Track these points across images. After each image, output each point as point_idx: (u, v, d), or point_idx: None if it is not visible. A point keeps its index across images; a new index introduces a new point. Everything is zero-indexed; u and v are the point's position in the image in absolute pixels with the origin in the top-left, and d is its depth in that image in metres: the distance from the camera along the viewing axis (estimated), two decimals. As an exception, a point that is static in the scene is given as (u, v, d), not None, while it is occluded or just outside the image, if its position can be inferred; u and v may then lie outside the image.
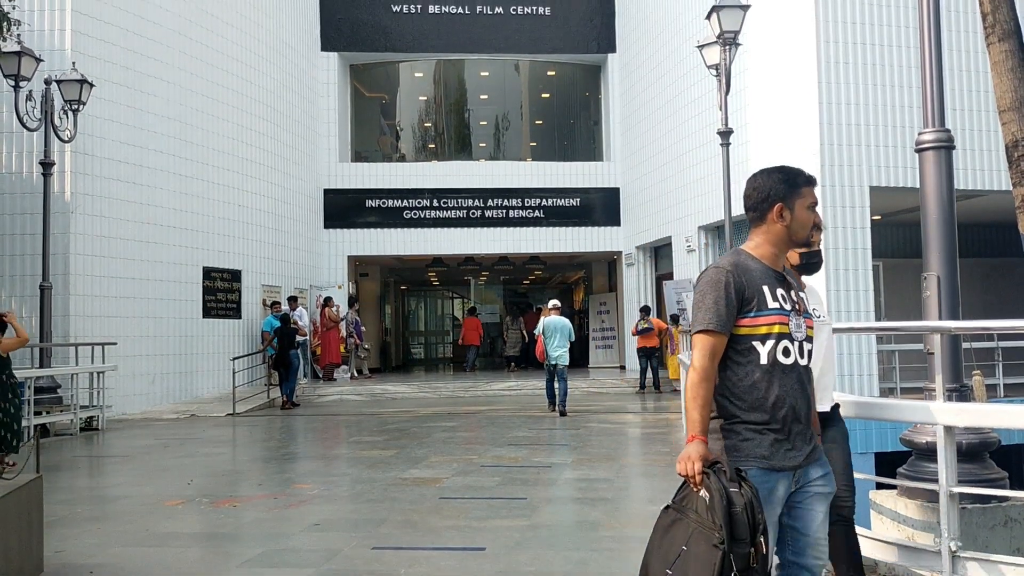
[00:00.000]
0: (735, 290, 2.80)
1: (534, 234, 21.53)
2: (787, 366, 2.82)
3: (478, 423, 12.68)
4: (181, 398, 15.66)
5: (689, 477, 2.69)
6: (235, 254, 17.37)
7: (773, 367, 2.80)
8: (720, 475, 2.65)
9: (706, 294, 2.81)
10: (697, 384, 2.76)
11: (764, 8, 13.82)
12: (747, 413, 2.79)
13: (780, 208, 2.93)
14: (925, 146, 5.11)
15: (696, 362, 2.78)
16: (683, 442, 2.82)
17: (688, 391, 2.79)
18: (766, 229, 2.96)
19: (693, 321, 2.86)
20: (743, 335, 2.81)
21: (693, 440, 2.72)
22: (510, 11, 21.93)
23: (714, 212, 15.71)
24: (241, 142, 17.66)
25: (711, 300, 2.79)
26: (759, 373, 2.79)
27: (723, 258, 2.92)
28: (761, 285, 2.84)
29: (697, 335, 2.81)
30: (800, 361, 2.87)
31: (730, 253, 2.96)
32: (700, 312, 2.82)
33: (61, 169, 13.27)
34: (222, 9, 17.26)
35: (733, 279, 2.81)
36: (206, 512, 6.71)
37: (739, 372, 2.81)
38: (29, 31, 12.83)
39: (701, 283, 2.86)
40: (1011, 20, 6.85)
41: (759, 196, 2.98)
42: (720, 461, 2.71)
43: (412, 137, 24.51)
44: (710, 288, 2.81)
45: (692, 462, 2.67)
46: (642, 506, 6.89)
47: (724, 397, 2.82)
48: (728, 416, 2.81)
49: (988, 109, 12.71)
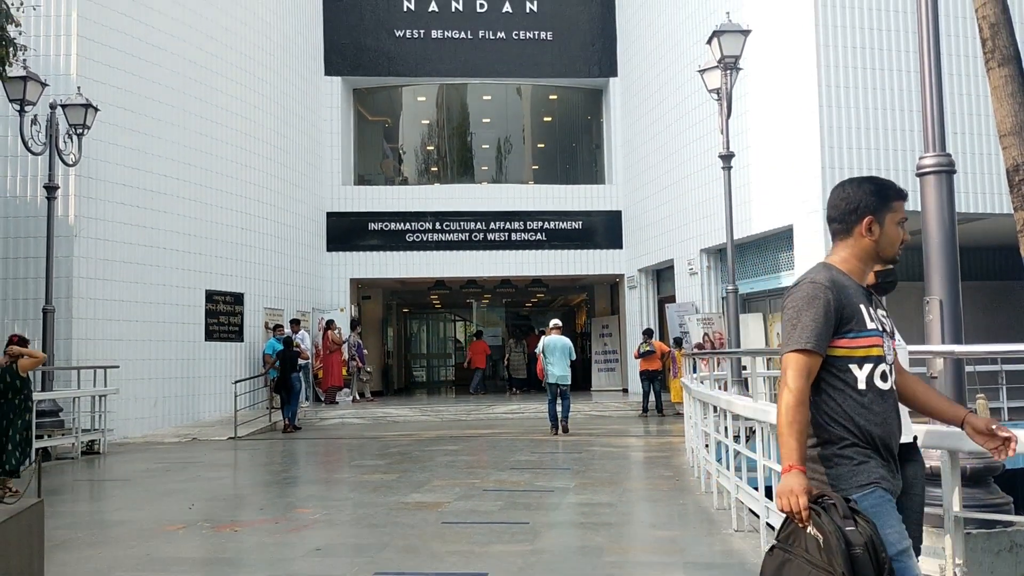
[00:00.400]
0: (834, 308, 2.62)
1: (536, 257, 21.57)
2: (884, 391, 2.66)
3: (480, 446, 12.64)
4: (183, 421, 15.63)
5: (794, 513, 2.45)
6: (238, 277, 17.40)
7: (871, 392, 2.63)
8: (831, 511, 2.41)
9: (802, 311, 2.62)
10: (794, 408, 2.54)
11: (765, 33, 13.92)
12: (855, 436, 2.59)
13: (870, 221, 2.74)
14: (926, 170, 5.12)
15: (791, 383, 2.57)
16: (688, 466, 2.77)
17: (783, 415, 2.55)
18: (853, 243, 2.77)
19: (786, 339, 2.64)
20: (839, 356, 2.63)
21: (791, 471, 2.49)
22: (512, 36, 22.10)
23: (716, 235, 15.74)
24: (244, 166, 17.74)
25: (808, 317, 2.60)
26: (856, 398, 2.61)
27: (817, 273, 2.71)
28: (858, 304, 2.67)
29: (791, 355, 2.60)
30: (893, 386, 2.70)
31: (821, 268, 2.75)
32: (796, 330, 2.61)
33: (65, 192, 13.33)
34: (227, 34, 17.40)
35: (832, 296, 2.62)
36: (207, 537, 6.69)
37: (836, 396, 2.62)
38: (35, 56, 12.93)
39: (795, 299, 2.66)
40: (1011, 45, 6.88)
41: (847, 207, 2.78)
42: (826, 494, 2.47)
43: (415, 160, 24.61)
44: (807, 305, 2.62)
45: (795, 496, 2.44)
46: (646, 531, 6.86)
47: (828, 421, 2.62)
48: (835, 440, 2.60)
49: (989, 133, 12.75)
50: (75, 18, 13.79)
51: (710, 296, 17.16)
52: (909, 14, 13.06)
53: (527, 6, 22.10)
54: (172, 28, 15.79)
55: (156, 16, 15.39)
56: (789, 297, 2.69)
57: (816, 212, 13.13)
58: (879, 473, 2.57)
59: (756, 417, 5.67)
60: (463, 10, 21.99)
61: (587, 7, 22.36)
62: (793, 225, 13.84)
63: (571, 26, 22.26)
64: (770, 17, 14.26)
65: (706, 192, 16.55)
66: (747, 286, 15.69)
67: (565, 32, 22.22)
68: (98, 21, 14.17)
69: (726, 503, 6.89)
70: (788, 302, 2.69)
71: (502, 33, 22.07)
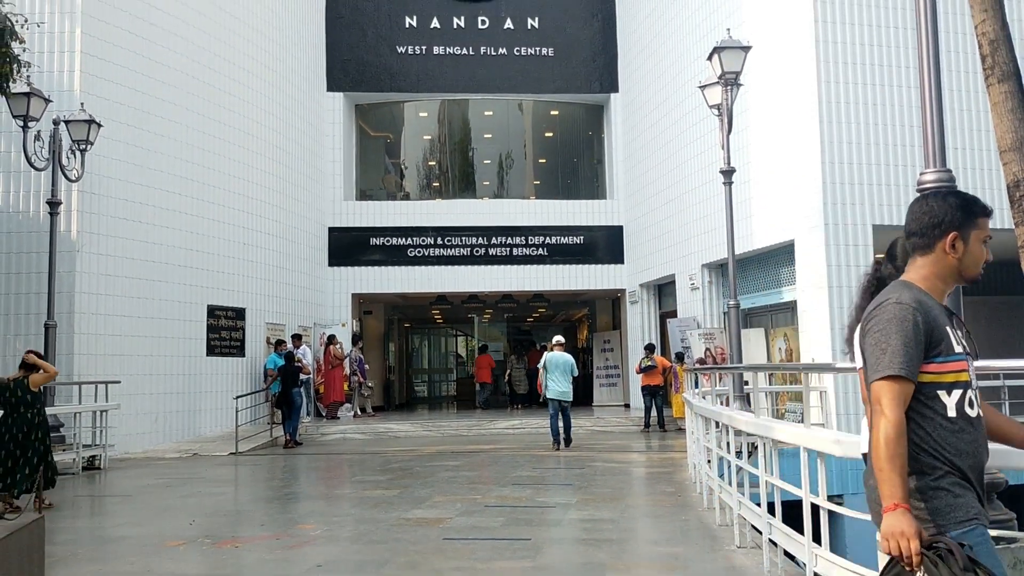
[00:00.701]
0: (923, 331, 2.45)
1: (538, 272, 21.58)
2: (973, 418, 2.49)
3: (482, 462, 12.60)
4: (184, 437, 15.60)
5: (904, 558, 2.26)
6: (239, 292, 17.42)
7: (961, 419, 2.46)
8: (949, 561, 2.19)
9: (891, 334, 2.44)
10: (894, 440, 2.35)
11: (765, 49, 13.98)
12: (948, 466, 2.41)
13: (954, 238, 2.59)
14: (926, 187, 5.13)
15: (890, 413, 2.38)
16: (690, 482, 2.72)
17: (883, 449, 2.36)
18: (934, 260, 2.61)
19: (875, 365, 2.47)
20: (927, 382, 2.46)
21: (896, 510, 2.29)
22: (514, 52, 22.19)
23: (718, 250, 15.75)
24: (247, 181, 17.79)
25: (898, 341, 2.42)
26: (947, 426, 2.45)
27: (901, 293, 2.53)
28: (944, 326, 2.50)
29: (883, 382, 2.42)
30: (980, 413, 2.53)
31: (903, 287, 2.57)
32: (885, 355, 2.43)
33: (67, 208, 13.37)
34: (229, 50, 17.48)
35: (920, 318, 2.46)
36: (208, 553, 6.66)
37: (925, 425, 2.45)
38: (39, 72, 12.99)
39: (880, 321, 2.48)
40: (1010, 61, 6.91)
41: (930, 221, 2.62)
42: (943, 541, 2.26)
43: (416, 176, 24.68)
44: (896, 327, 2.44)
45: (906, 539, 2.25)
46: (648, 547, 6.83)
47: (917, 451, 2.43)
48: (927, 471, 2.42)
49: (989, 148, 12.77)
50: (79, 35, 13.87)
51: (712, 311, 17.15)
52: (909, 30, 13.13)
53: (528, 22, 22.20)
54: (175, 45, 15.88)
55: (159, 33, 15.47)
56: (873, 319, 2.52)
57: (817, 227, 13.16)
58: (977, 508, 2.41)
59: (758, 433, 5.66)
60: (465, 26, 22.10)
61: (588, 23, 22.47)
62: (794, 240, 13.85)
63: (572, 42, 22.36)
64: (771, 33, 14.33)
65: (707, 207, 16.57)
66: (749, 301, 15.69)
67: (566, 48, 22.32)
68: (102, 38, 14.25)
69: (728, 519, 6.86)
70: (873, 325, 2.51)
71: (504, 49, 22.17)
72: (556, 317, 32.11)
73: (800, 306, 13.73)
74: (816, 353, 13.07)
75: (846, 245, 13.02)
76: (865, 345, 2.53)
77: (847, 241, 13.03)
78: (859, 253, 13.03)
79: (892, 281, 2.67)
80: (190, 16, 16.32)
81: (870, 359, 2.49)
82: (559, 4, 22.35)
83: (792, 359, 14.48)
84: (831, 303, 12.83)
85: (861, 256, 13.03)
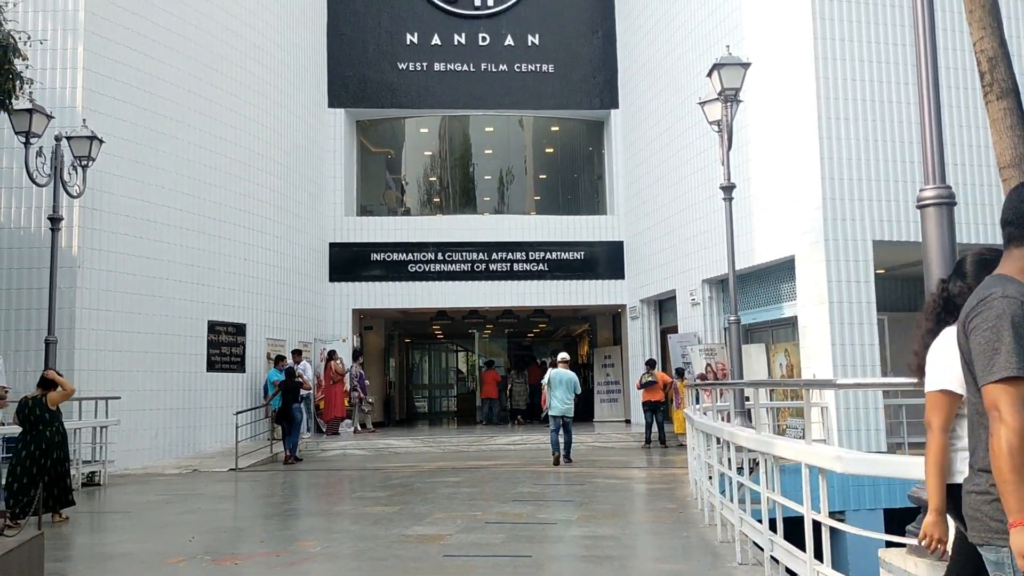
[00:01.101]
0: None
1: (538, 287, 21.58)
2: None
3: (482, 478, 12.57)
4: (183, 453, 15.56)
5: None
6: (240, 308, 17.41)
7: None
8: None
9: (1002, 331, 2.21)
10: (1020, 449, 2.09)
11: (765, 65, 14.04)
12: None
13: None
14: (926, 203, 5.15)
15: (1011, 420, 2.13)
16: (692, 498, 2.68)
17: (1006, 459, 2.11)
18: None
19: (987, 367, 2.23)
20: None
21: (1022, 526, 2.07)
22: (514, 68, 22.28)
23: (718, 265, 15.77)
24: (248, 197, 17.83)
25: (1010, 338, 2.19)
26: None
27: (1006, 286, 2.33)
28: None
29: (999, 385, 2.18)
30: None
31: (1004, 281, 2.37)
32: (999, 355, 2.19)
33: (69, 224, 13.39)
34: (231, 67, 17.56)
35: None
36: (208, 570, 6.63)
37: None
38: (41, 88, 13.02)
39: (988, 318, 2.26)
40: (1009, 78, 6.94)
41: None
42: None
43: (417, 191, 24.72)
44: (1005, 324, 2.21)
45: None
46: (649, 564, 6.80)
47: None
48: None
49: (988, 164, 12.80)
50: (81, 52, 13.94)
51: (712, 326, 17.15)
52: (908, 47, 13.18)
53: (529, 39, 22.30)
54: (177, 62, 15.95)
55: (161, 50, 15.54)
56: (977, 316, 2.29)
57: (818, 243, 13.17)
58: None
59: (759, 449, 5.65)
60: (465, 43, 22.20)
61: (589, 40, 22.57)
62: (795, 255, 13.87)
63: (573, 59, 22.46)
64: (771, 50, 14.40)
65: (707, 223, 16.60)
66: (749, 316, 15.69)
67: (567, 65, 22.41)
68: (104, 55, 14.32)
69: (730, 536, 6.84)
70: (978, 322, 2.28)
71: (504, 66, 22.26)
72: (557, 333, 32.09)
73: (801, 321, 13.73)
74: (817, 369, 13.05)
75: (846, 260, 13.03)
76: (971, 345, 2.31)
77: (847, 256, 13.04)
78: (859, 268, 13.05)
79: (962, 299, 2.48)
80: (192, 33, 16.40)
81: (979, 361, 2.26)
82: (559, 21, 22.46)
83: (793, 375, 14.47)
84: (832, 318, 12.83)
85: (861, 271, 13.04)
